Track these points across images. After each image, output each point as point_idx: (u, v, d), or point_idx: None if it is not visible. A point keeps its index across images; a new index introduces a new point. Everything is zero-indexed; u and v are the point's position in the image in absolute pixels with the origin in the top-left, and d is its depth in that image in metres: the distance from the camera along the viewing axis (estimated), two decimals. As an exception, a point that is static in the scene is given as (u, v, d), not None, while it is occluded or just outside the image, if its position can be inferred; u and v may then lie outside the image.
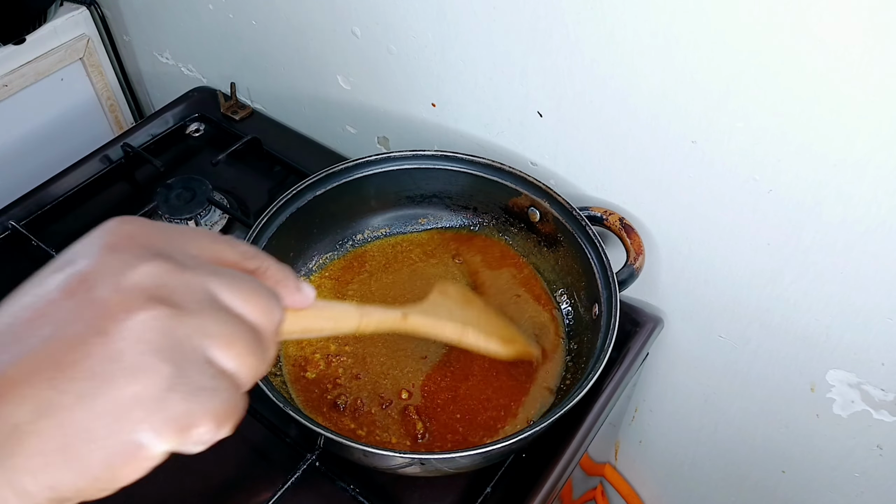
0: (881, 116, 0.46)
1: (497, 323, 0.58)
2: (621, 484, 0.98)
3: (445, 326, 0.51)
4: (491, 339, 0.55)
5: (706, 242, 0.62)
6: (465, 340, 0.53)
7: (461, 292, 0.58)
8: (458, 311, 0.54)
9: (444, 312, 0.52)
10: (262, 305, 0.27)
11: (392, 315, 0.45)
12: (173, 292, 0.24)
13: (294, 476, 0.55)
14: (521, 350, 0.58)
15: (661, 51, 0.53)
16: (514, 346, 0.57)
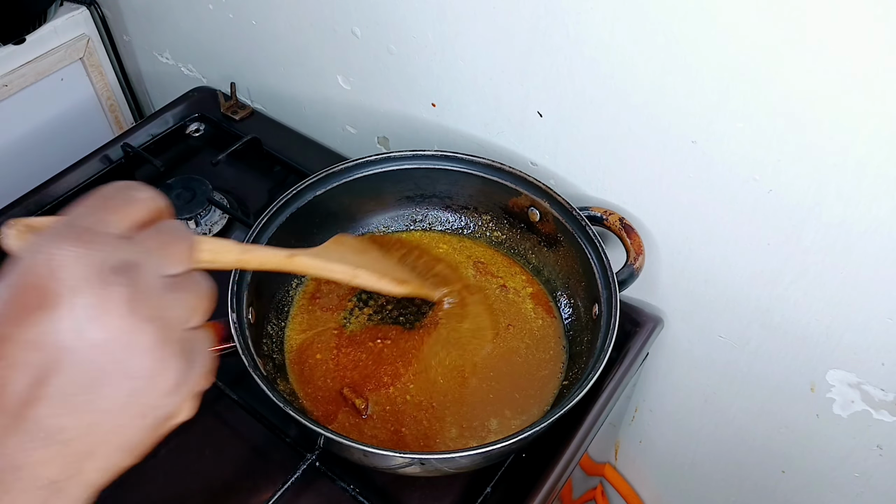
0: (881, 116, 0.46)
1: (391, 268, 0.61)
2: (621, 484, 0.98)
3: (335, 268, 0.53)
4: (384, 280, 0.57)
5: (706, 242, 0.62)
6: (357, 280, 0.55)
7: (359, 241, 0.61)
8: (352, 257, 0.57)
9: (335, 257, 0.54)
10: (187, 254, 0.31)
11: (277, 254, 0.47)
12: (147, 304, 0.28)
13: (294, 476, 0.55)
14: (414, 289, 0.61)
15: (662, 51, 0.53)
16: (407, 286, 0.60)
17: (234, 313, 0.55)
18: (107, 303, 0.27)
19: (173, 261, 0.30)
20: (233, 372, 0.60)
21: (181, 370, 0.29)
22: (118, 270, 0.27)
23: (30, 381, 0.26)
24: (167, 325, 0.28)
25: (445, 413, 0.59)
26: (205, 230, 0.75)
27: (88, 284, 0.27)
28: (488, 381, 0.61)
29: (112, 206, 0.30)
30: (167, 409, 0.29)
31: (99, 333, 0.27)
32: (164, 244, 0.30)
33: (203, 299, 0.31)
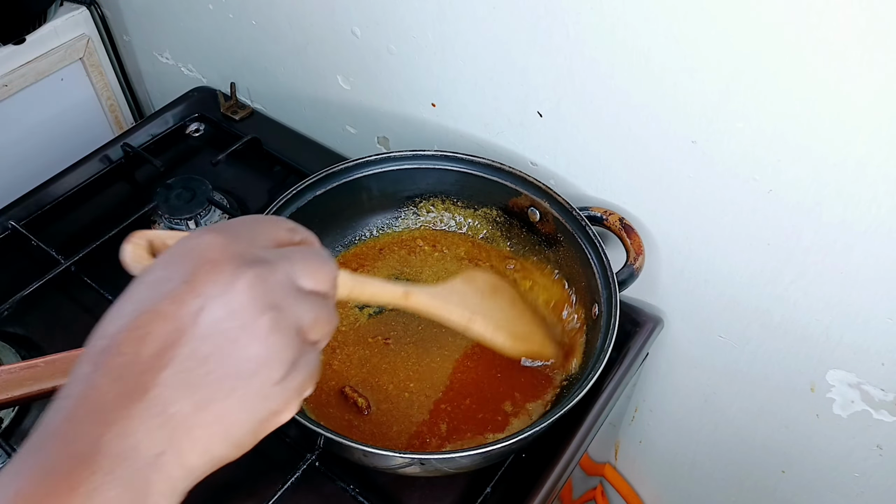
0: (881, 116, 0.46)
1: (519, 319, 0.56)
2: (621, 484, 0.98)
3: (452, 312, 0.49)
4: (499, 333, 0.52)
5: (706, 242, 0.62)
6: (472, 329, 0.51)
7: (489, 282, 0.56)
8: (475, 300, 0.53)
9: (456, 299, 0.51)
10: (327, 278, 0.33)
11: (392, 290, 0.44)
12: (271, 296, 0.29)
13: (294, 476, 0.55)
14: (531, 350, 0.56)
15: (662, 51, 0.53)
16: (524, 345, 0.55)
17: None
18: (233, 283, 0.28)
19: (311, 276, 0.32)
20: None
21: (289, 365, 0.30)
22: (253, 262, 0.29)
23: (156, 348, 0.28)
24: (284, 319, 0.29)
25: (445, 412, 0.59)
26: (205, 230, 0.75)
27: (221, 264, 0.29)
28: (488, 381, 0.61)
29: (260, 224, 0.33)
30: (272, 402, 0.30)
31: (221, 311, 0.28)
32: (306, 260, 0.32)
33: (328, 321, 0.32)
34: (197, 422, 0.28)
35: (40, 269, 0.69)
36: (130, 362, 0.28)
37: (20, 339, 0.66)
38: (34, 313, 0.68)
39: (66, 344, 0.62)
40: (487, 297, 0.55)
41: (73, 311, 0.69)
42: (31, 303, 0.67)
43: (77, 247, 0.70)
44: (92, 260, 0.70)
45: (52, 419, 0.27)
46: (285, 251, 0.32)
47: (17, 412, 0.61)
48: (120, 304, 0.30)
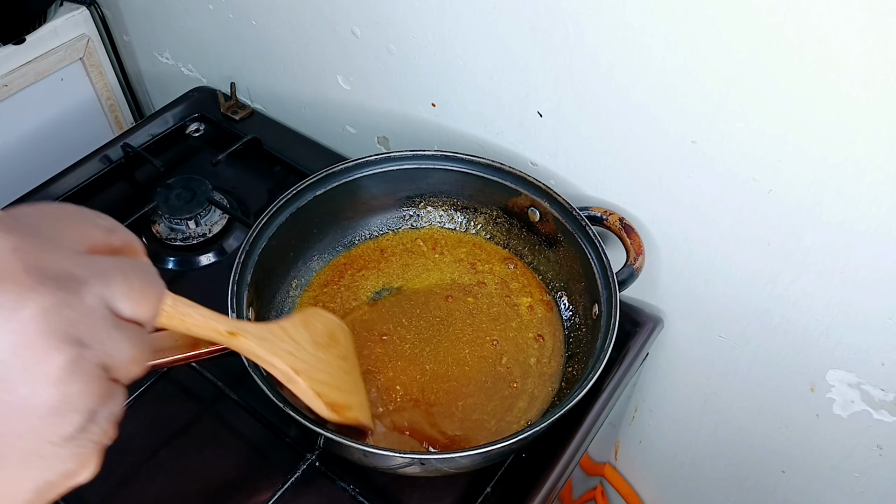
0: (881, 116, 0.46)
1: (343, 381, 0.51)
2: (621, 484, 0.98)
3: (276, 362, 0.44)
4: (318, 398, 0.47)
5: (706, 242, 0.62)
6: (291, 385, 0.46)
7: (328, 330, 0.51)
8: (306, 350, 0.47)
9: (285, 345, 0.45)
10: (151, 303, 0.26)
11: (216, 325, 0.37)
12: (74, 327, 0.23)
13: (294, 476, 0.55)
14: (346, 420, 0.50)
15: (662, 51, 0.53)
16: (339, 415, 0.49)
17: (234, 313, 0.55)
18: (22, 310, 0.22)
19: (131, 300, 0.25)
20: (233, 372, 0.60)
21: (88, 415, 0.23)
22: (55, 277, 0.23)
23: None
24: (87, 358, 0.23)
25: (445, 412, 0.59)
26: (205, 230, 0.75)
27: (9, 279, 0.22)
28: (488, 381, 0.61)
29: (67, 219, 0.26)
30: (64, 462, 0.23)
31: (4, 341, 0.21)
32: (127, 278, 0.25)
33: (143, 358, 0.26)
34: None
35: (40, 269, 0.69)
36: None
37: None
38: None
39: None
40: (322, 347, 0.50)
41: (73, 311, 0.69)
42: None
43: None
44: (92, 260, 0.70)
45: None
46: (100, 263, 0.25)
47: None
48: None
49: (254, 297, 0.59)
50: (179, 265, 0.74)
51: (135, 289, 0.25)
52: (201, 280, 0.73)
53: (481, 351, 0.63)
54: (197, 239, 0.75)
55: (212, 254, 0.75)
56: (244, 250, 0.59)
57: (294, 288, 0.67)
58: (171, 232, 0.75)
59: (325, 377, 0.48)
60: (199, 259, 0.74)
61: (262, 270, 0.61)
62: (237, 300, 0.56)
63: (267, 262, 0.61)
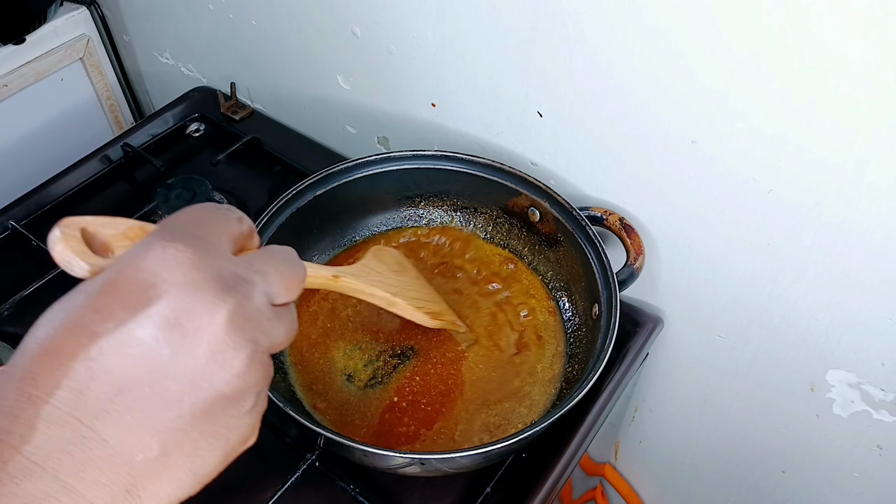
0: (881, 116, 0.46)
1: (426, 294, 0.60)
2: (621, 484, 0.98)
3: (376, 291, 0.52)
4: (418, 312, 0.55)
5: (706, 242, 0.62)
6: (394, 308, 0.53)
7: (396, 259, 0.59)
8: (391, 277, 0.55)
9: (375, 277, 0.53)
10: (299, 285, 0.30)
11: (323, 272, 0.45)
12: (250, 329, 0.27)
13: (294, 476, 0.55)
14: (446, 323, 0.60)
15: (662, 51, 0.53)
16: (440, 320, 0.58)
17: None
18: (213, 314, 0.25)
19: (286, 290, 0.29)
20: (233, 372, 0.60)
21: (259, 394, 0.28)
22: (231, 283, 0.26)
23: (111, 389, 0.24)
24: (261, 350, 0.27)
25: (445, 413, 0.59)
26: (205, 230, 0.75)
27: (199, 290, 0.25)
28: (488, 381, 0.61)
29: (214, 221, 0.29)
30: (242, 430, 0.28)
31: (200, 348, 0.25)
32: (280, 272, 0.29)
33: (294, 332, 0.30)
34: (164, 467, 0.25)
35: (40, 269, 0.69)
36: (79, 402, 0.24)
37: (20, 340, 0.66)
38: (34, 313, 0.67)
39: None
40: (399, 273, 0.57)
41: (73, 311, 0.69)
42: (31, 303, 0.67)
43: (77, 247, 0.70)
44: (92, 260, 0.70)
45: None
46: (257, 262, 0.29)
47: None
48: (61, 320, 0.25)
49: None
50: (179, 265, 0.73)
51: (285, 278, 0.29)
52: (201, 280, 0.73)
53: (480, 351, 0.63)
54: (197, 239, 0.75)
55: (212, 254, 0.75)
56: (244, 250, 0.59)
57: (294, 288, 0.67)
58: (171, 232, 0.75)
59: (415, 294, 0.56)
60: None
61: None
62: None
63: (267, 262, 0.61)
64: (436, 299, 0.61)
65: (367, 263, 0.54)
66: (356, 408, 0.59)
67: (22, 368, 0.24)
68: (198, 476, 0.27)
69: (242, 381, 0.26)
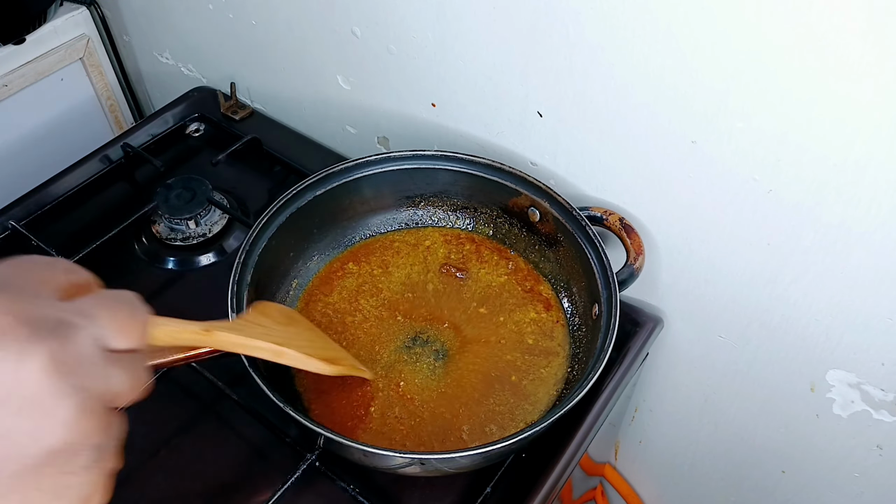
0: (881, 116, 0.46)
1: (320, 343, 0.56)
2: (621, 484, 0.98)
3: (259, 343, 0.47)
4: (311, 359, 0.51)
5: (706, 242, 0.62)
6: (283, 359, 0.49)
7: (283, 313, 0.55)
8: (277, 329, 0.51)
9: (259, 330, 0.49)
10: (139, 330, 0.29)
11: (190, 327, 0.41)
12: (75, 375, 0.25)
13: (294, 476, 0.55)
14: (346, 369, 0.56)
15: (662, 51, 0.53)
16: (337, 366, 0.54)
17: (234, 313, 0.55)
18: (27, 360, 0.23)
19: (120, 333, 0.27)
20: (233, 372, 0.60)
21: (98, 446, 0.26)
22: (50, 327, 0.24)
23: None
24: (91, 398, 0.25)
25: (445, 412, 0.59)
26: (205, 230, 0.75)
27: (10, 336, 0.23)
28: (488, 381, 0.61)
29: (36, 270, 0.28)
30: (83, 489, 0.26)
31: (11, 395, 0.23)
32: (113, 314, 0.27)
33: (141, 383, 0.28)
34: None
35: (40, 269, 0.69)
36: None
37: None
38: (34, 313, 0.68)
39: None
40: (286, 325, 0.53)
41: (73, 311, 0.69)
42: (31, 303, 0.67)
43: (77, 247, 0.70)
44: (92, 260, 0.70)
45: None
46: (83, 306, 0.27)
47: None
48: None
49: (254, 297, 0.59)
50: (179, 265, 0.74)
51: (121, 321, 0.27)
52: (201, 280, 0.73)
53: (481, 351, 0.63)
54: (197, 239, 0.75)
55: (212, 254, 0.75)
56: (244, 250, 0.59)
57: (294, 288, 0.67)
58: (171, 232, 0.75)
59: (305, 343, 0.52)
60: (199, 259, 0.74)
61: (262, 270, 0.61)
62: (237, 300, 0.56)
63: (267, 262, 0.61)
64: (331, 347, 0.58)
65: (248, 318, 0.51)
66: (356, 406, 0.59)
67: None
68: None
69: (71, 432, 0.24)
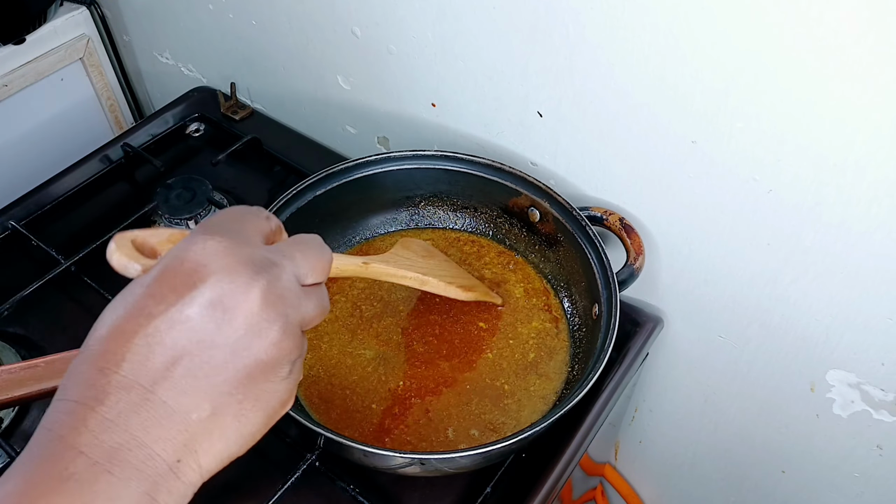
0: (881, 116, 0.46)
1: (457, 272, 0.63)
2: (621, 484, 0.98)
3: (406, 274, 0.54)
4: (451, 286, 0.59)
5: (706, 242, 0.62)
6: (427, 287, 0.57)
7: (423, 246, 0.63)
8: (419, 261, 0.58)
9: (405, 262, 0.56)
10: (326, 268, 0.35)
11: (353, 261, 0.49)
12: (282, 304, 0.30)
13: (294, 476, 0.55)
14: (480, 295, 0.63)
15: (662, 51, 0.53)
16: (473, 292, 0.62)
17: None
18: (248, 292, 0.29)
19: (313, 272, 0.33)
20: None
21: (295, 361, 0.32)
22: (263, 266, 0.30)
23: (166, 359, 0.28)
24: (292, 323, 0.31)
25: (445, 412, 0.59)
26: (205, 230, 0.75)
27: (235, 273, 0.29)
28: (488, 381, 0.61)
29: (247, 219, 0.34)
30: (281, 395, 0.31)
31: (239, 321, 0.29)
32: (306, 256, 0.33)
33: (325, 311, 0.34)
34: (215, 426, 0.29)
35: (40, 269, 0.69)
36: (141, 371, 0.28)
37: (20, 339, 0.66)
38: (34, 313, 0.68)
39: (66, 344, 0.62)
40: (427, 257, 0.60)
41: (73, 311, 0.69)
42: (31, 303, 0.67)
43: (77, 247, 0.70)
44: (92, 260, 0.70)
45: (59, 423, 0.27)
46: (285, 248, 0.33)
47: (18, 412, 0.61)
48: (122, 308, 0.29)
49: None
50: (179, 265, 0.73)
51: (312, 261, 0.33)
52: (201, 280, 0.73)
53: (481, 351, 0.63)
54: (197, 239, 0.75)
55: (212, 254, 0.75)
56: (244, 250, 0.59)
57: (294, 288, 0.67)
58: (171, 232, 0.75)
59: (444, 273, 0.60)
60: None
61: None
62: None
63: (267, 262, 0.61)
64: (466, 276, 0.65)
65: (395, 252, 0.59)
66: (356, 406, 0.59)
67: (93, 349, 0.29)
68: (244, 436, 0.30)
69: (278, 349, 0.30)
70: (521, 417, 0.60)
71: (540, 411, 0.60)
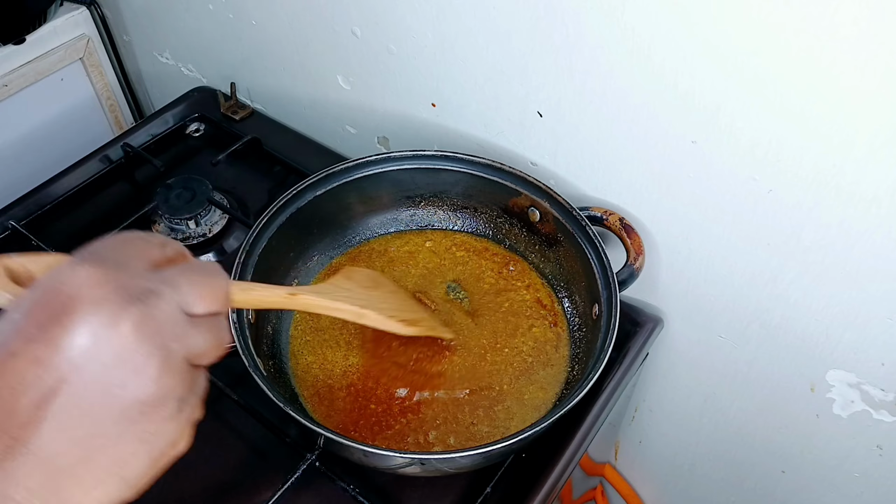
0: (881, 116, 0.46)
1: (403, 305, 0.59)
2: (621, 484, 0.98)
3: (340, 306, 0.50)
4: (391, 320, 0.54)
5: (706, 242, 0.62)
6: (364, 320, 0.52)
7: (369, 276, 0.59)
8: (360, 292, 0.55)
9: (342, 293, 0.52)
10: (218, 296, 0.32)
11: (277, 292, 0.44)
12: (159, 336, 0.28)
13: (294, 476, 0.55)
14: (425, 329, 0.59)
15: (662, 51, 0.53)
16: (416, 327, 0.57)
17: (234, 313, 0.55)
18: (118, 324, 0.27)
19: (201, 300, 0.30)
20: (233, 372, 0.60)
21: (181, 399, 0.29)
22: (136, 295, 0.28)
23: (31, 402, 0.26)
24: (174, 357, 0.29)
25: (445, 412, 0.59)
26: (205, 230, 0.75)
27: (105, 303, 0.27)
28: (488, 382, 0.61)
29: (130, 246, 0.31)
30: (167, 436, 0.29)
31: (106, 357, 0.27)
32: (193, 283, 0.31)
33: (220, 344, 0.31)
34: (87, 472, 0.27)
35: (40, 269, 0.69)
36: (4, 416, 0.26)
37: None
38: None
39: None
40: (370, 289, 0.57)
41: (73, 311, 0.69)
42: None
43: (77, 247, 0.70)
44: (92, 260, 0.70)
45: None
46: (167, 275, 0.30)
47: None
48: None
49: (254, 297, 0.59)
50: (179, 265, 0.73)
51: (201, 288, 0.31)
52: (201, 280, 0.73)
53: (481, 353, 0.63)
54: (197, 239, 0.75)
55: (212, 254, 0.75)
56: (244, 250, 0.59)
57: (294, 288, 0.67)
58: (171, 232, 0.75)
59: (386, 306, 0.55)
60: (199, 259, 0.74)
61: (263, 270, 0.61)
62: (237, 300, 0.56)
63: (267, 262, 0.61)
64: (413, 309, 0.61)
65: (333, 282, 0.55)
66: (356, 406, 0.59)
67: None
68: (127, 480, 0.28)
69: (157, 386, 0.28)
70: (522, 417, 0.59)
71: (539, 412, 0.60)
